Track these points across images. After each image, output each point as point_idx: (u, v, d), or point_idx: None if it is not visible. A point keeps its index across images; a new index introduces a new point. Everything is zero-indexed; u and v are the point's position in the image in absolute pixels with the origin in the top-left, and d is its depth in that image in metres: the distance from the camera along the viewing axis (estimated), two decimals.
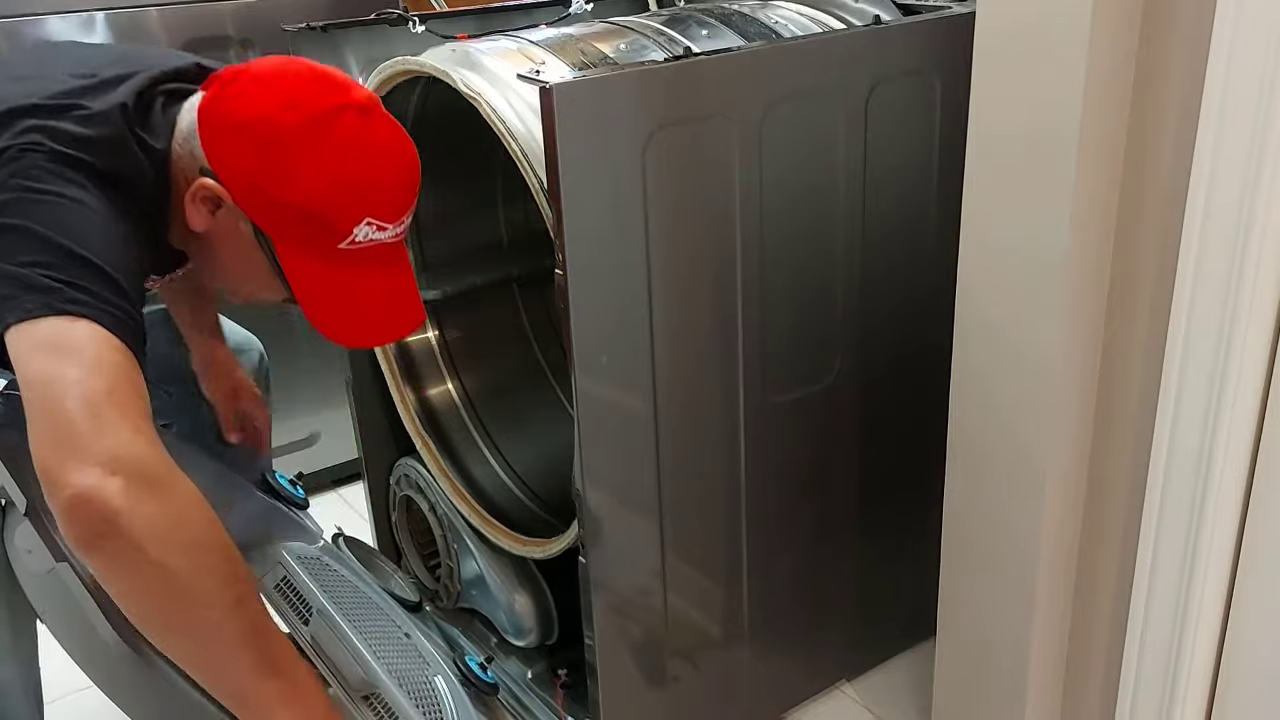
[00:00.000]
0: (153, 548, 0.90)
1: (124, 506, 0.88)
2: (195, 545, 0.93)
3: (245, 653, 0.96)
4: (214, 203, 1.06)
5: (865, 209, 1.42)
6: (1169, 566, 1.14)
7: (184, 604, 0.93)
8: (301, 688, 1.01)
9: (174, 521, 0.91)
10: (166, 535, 0.90)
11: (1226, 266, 1.01)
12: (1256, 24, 0.94)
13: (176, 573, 0.91)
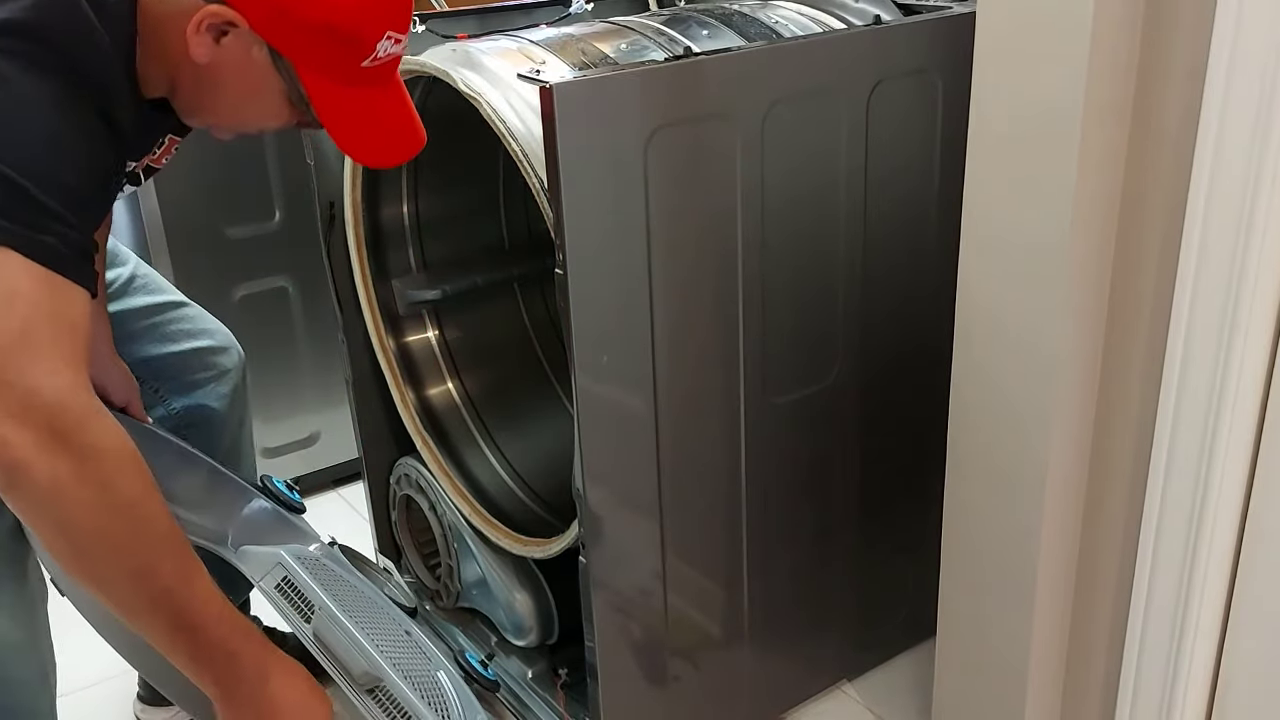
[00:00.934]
0: (56, 505, 0.86)
1: (30, 459, 0.84)
2: (109, 507, 0.88)
3: (159, 615, 0.94)
4: (220, 30, 0.98)
5: (866, 209, 1.42)
6: (1169, 567, 1.14)
7: (88, 561, 0.90)
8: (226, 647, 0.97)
9: (84, 477, 0.86)
10: (74, 492, 0.86)
11: (1227, 267, 1.01)
12: (1257, 23, 0.94)
13: (79, 532, 0.88)
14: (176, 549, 0.94)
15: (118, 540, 0.90)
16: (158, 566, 0.92)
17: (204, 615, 0.96)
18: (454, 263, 1.77)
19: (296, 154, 1.65)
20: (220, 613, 0.97)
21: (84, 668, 1.84)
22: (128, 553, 0.91)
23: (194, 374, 1.52)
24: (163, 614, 0.93)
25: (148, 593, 0.92)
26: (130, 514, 0.90)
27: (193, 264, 2.04)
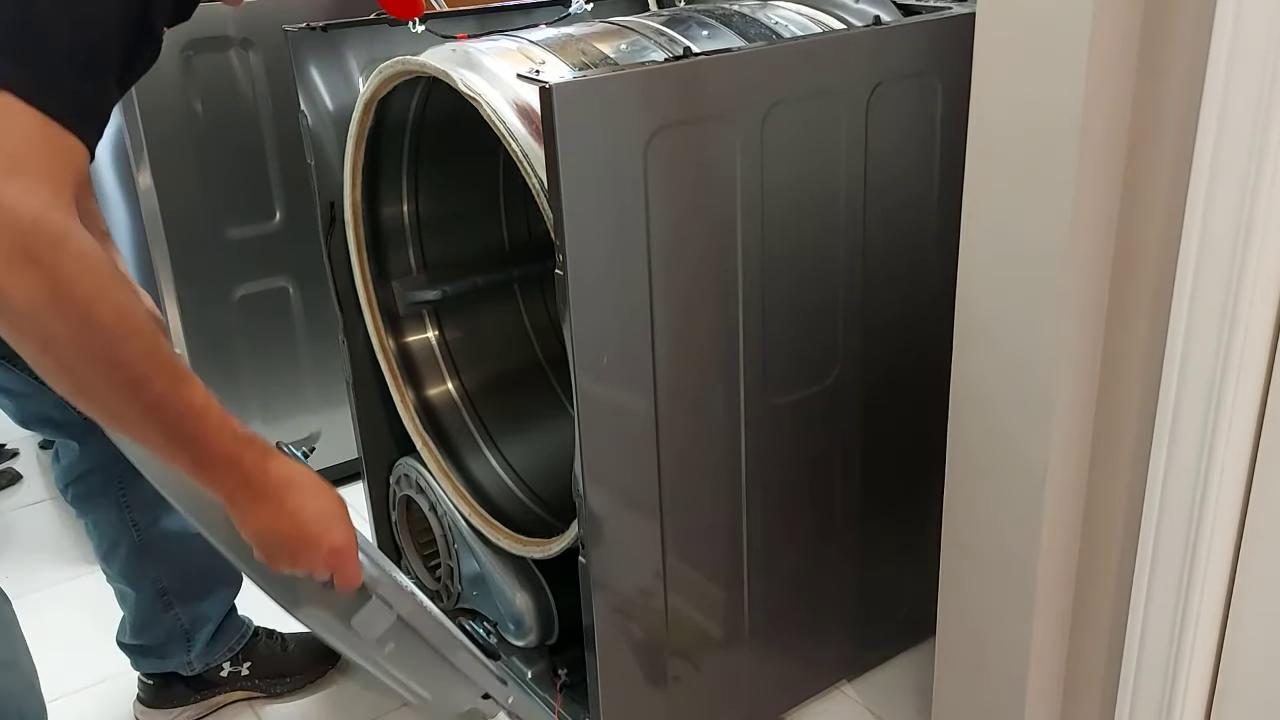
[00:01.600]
0: (35, 325, 0.85)
1: (3, 281, 0.82)
2: (86, 324, 0.86)
3: (153, 423, 0.92)
4: None
5: (866, 210, 1.42)
6: (1168, 567, 1.14)
7: (75, 377, 0.89)
8: (227, 454, 0.96)
9: (55, 297, 0.84)
10: (50, 311, 0.84)
11: (1227, 266, 1.01)
12: (1256, 24, 0.94)
13: (61, 350, 0.87)
14: (165, 361, 0.92)
15: (103, 356, 0.88)
16: (148, 380, 0.90)
17: (202, 425, 0.94)
18: (454, 263, 1.78)
19: (296, 154, 1.66)
20: (219, 422, 0.95)
21: (84, 669, 1.85)
22: (114, 367, 0.89)
23: None
24: (157, 425, 0.92)
25: (139, 406, 0.91)
26: (113, 331, 0.88)
27: (193, 264, 2.05)
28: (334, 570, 1.03)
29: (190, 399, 0.94)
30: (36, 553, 2.20)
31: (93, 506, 1.57)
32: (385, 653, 1.12)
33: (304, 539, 1.00)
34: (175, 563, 1.62)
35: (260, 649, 1.76)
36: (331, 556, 1.02)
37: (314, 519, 1.00)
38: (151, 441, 0.94)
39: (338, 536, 1.02)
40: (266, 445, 1.00)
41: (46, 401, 1.46)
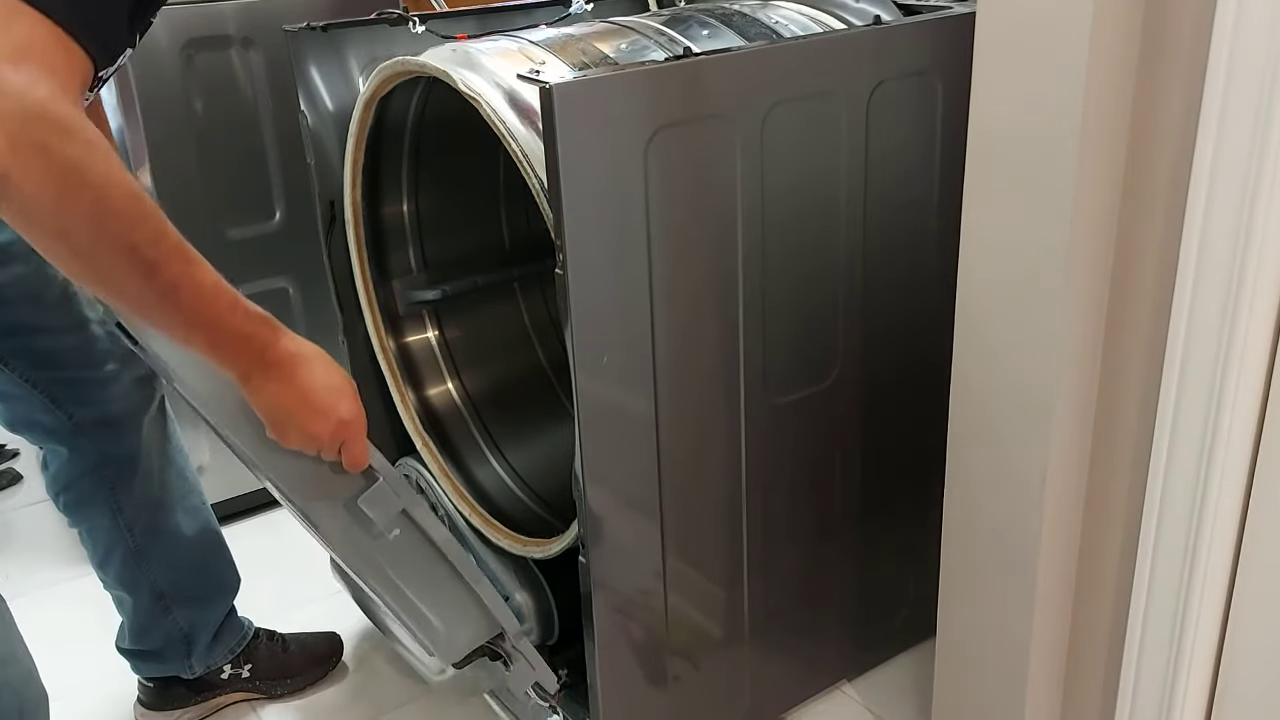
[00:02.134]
0: (47, 214, 0.86)
1: (10, 170, 0.83)
2: (100, 210, 0.87)
3: (170, 306, 0.94)
4: None
5: (866, 209, 1.42)
6: (1169, 567, 1.14)
7: (92, 264, 0.90)
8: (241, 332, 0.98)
9: (66, 186, 0.85)
10: (62, 201, 0.85)
11: (1227, 267, 1.01)
12: (1257, 24, 0.94)
13: (77, 238, 0.88)
14: (176, 244, 0.93)
15: (118, 242, 0.89)
16: (163, 264, 0.92)
17: (215, 306, 0.96)
18: (454, 263, 1.77)
19: (296, 154, 1.65)
20: (231, 302, 0.97)
21: (84, 669, 1.85)
22: (129, 252, 0.90)
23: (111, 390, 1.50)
24: (173, 308, 0.94)
25: (156, 290, 0.92)
26: (126, 216, 0.89)
27: None
28: (343, 443, 1.05)
29: (203, 280, 0.95)
30: (37, 553, 2.20)
31: (85, 514, 1.57)
32: (393, 548, 1.12)
33: (314, 411, 1.02)
34: (172, 567, 1.62)
35: (260, 651, 1.76)
36: (340, 429, 1.04)
37: (324, 392, 1.02)
38: (169, 325, 0.96)
39: (346, 410, 1.04)
40: (276, 323, 1.02)
41: (35, 405, 1.46)
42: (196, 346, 0.98)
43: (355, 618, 1.95)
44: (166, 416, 1.60)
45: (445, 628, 1.23)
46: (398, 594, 1.18)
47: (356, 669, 1.85)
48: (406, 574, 1.17)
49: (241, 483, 2.22)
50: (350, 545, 1.13)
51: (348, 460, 1.07)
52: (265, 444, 1.05)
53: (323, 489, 1.08)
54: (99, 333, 1.48)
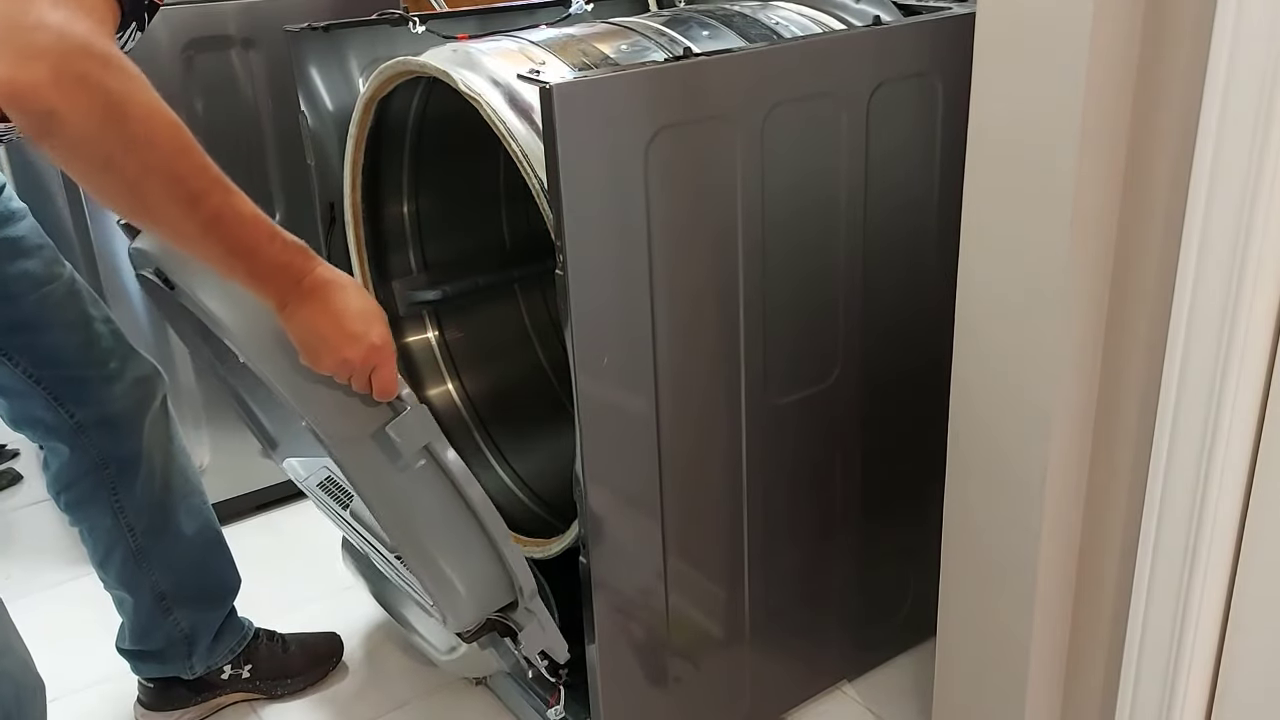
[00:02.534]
0: (94, 146, 0.88)
1: (57, 105, 0.85)
2: (143, 141, 0.90)
3: (213, 236, 0.97)
4: None
5: (867, 210, 1.42)
6: (1169, 568, 1.14)
7: (138, 194, 0.92)
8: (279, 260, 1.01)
9: (110, 118, 0.87)
10: (106, 133, 0.87)
11: (1227, 268, 1.01)
12: (1257, 24, 0.94)
13: (126, 169, 0.90)
14: (216, 174, 0.96)
15: (162, 171, 0.92)
16: (206, 193, 0.95)
17: (255, 235, 0.99)
18: (454, 263, 1.78)
19: (296, 155, 1.66)
20: (270, 231, 1.00)
21: (85, 669, 1.85)
22: (174, 181, 0.92)
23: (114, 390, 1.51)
24: (216, 236, 0.97)
25: (199, 220, 0.95)
26: (170, 146, 0.92)
27: None
28: (373, 368, 1.08)
29: (243, 210, 0.98)
30: (37, 553, 2.20)
31: (86, 513, 1.57)
32: (416, 485, 1.15)
33: (347, 336, 1.05)
34: (173, 567, 1.62)
35: (261, 651, 1.76)
36: (372, 354, 1.07)
37: (356, 318, 1.06)
38: (211, 253, 0.98)
39: (377, 335, 1.08)
40: (311, 251, 1.05)
41: (37, 403, 1.46)
42: (237, 276, 1.01)
43: (355, 618, 1.95)
44: (169, 416, 1.60)
45: (461, 583, 1.24)
46: (415, 544, 1.20)
47: (357, 669, 1.85)
48: (426, 518, 1.18)
49: (242, 483, 2.22)
50: (374, 482, 1.15)
51: (378, 387, 1.09)
52: (298, 374, 1.09)
53: (352, 420, 1.11)
54: (102, 331, 1.48)
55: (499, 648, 1.39)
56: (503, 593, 1.28)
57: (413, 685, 1.80)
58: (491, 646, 1.39)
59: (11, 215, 1.42)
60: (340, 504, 1.48)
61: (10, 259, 1.39)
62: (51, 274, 1.44)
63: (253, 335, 1.10)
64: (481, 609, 1.29)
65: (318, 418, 1.11)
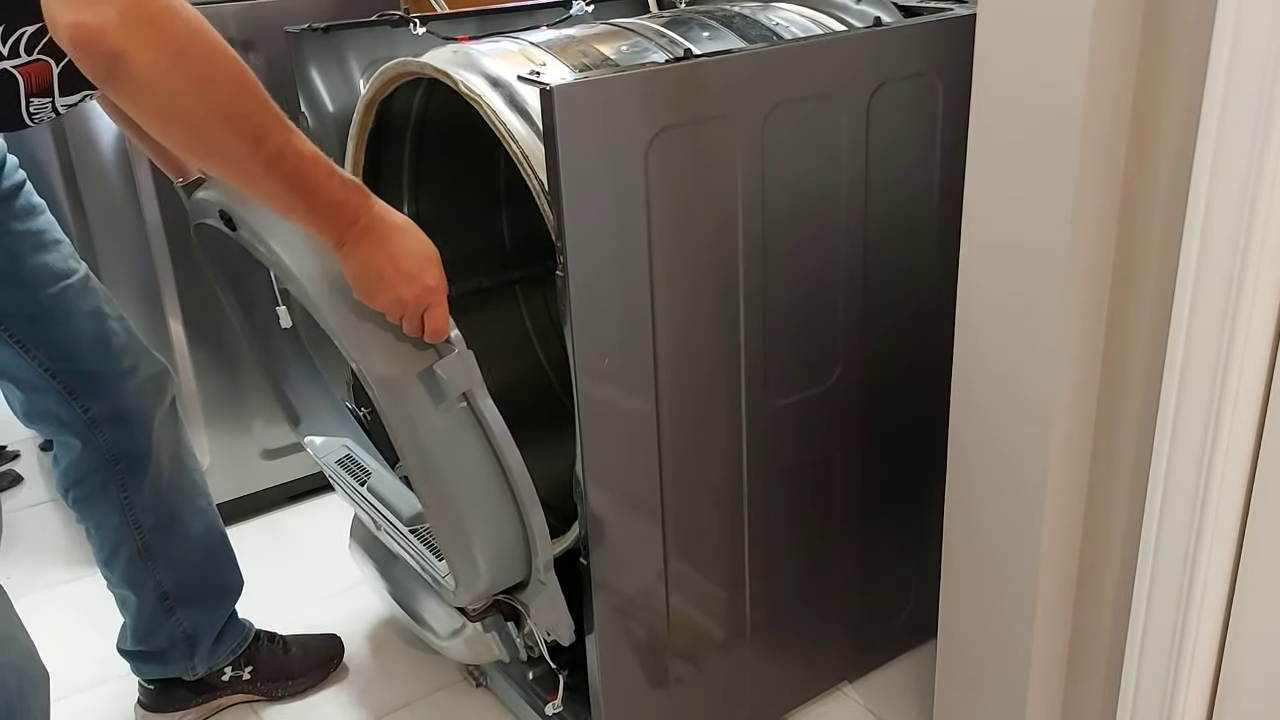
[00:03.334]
0: (162, 85, 0.90)
1: (126, 46, 0.87)
2: (208, 80, 0.93)
3: (275, 175, 0.99)
4: None
5: (867, 211, 1.42)
6: (1170, 570, 1.14)
7: (203, 134, 0.95)
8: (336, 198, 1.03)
9: (179, 57, 0.90)
10: (174, 72, 0.90)
11: (1228, 269, 1.01)
12: (1257, 26, 0.94)
13: (192, 109, 0.93)
14: (278, 113, 0.99)
15: (228, 111, 0.94)
16: (269, 131, 0.97)
17: (314, 173, 1.01)
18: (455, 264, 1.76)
19: None
20: (328, 169, 1.02)
21: (85, 670, 1.85)
22: (239, 120, 0.95)
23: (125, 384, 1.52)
24: (278, 175, 0.99)
25: (262, 157, 0.97)
26: (234, 85, 0.94)
27: (194, 266, 2.04)
28: (426, 308, 1.11)
29: (302, 149, 1.00)
30: (38, 554, 2.20)
31: (94, 510, 1.57)
32: (451, 433, 1.17)
33: (402, 275, 1.08)
34: (177, 567, 1.62)
35: (262, 652, 1.76)
36: (426, 293, 1.10)
37: (412, 258, 1.08)
38: (272, 193, 1.01)
39: (431, 277, 1.11)
40: (368, 190, 1.07)
41: (52, 397, 1.47)
42: (296, 214, 1.03)
43: (356, 619, 1.95)
44: (178, 417, 1.61)
45: (481, 545, 1.25)
46: (442, 498, 1.21)
47: (357, 671, 1.85)
48: (458, 470, 1.20)
49: (244, 484, 2.22)
50: (413, 427, 1.16)
51: (430, 327, 1.11)
52: (350, 311, 1.12)
53: (400, 360, 1.14)
54: (116, 328, 1.50)
55: (501, 633, 1.41)
56: (518, 566, 1.30)
57: (413, 687, 1.80)
58: (495, 631, 1.41)
59: (33, 209, 1.44)
60: (358, 480, 1.53)
61: (32, 252, 1.41)
62: (69, 268, 1.46)
63: (310, 271, 1.13)
64: (496, 577, 1.30)
65: (366, 356, 1.13)
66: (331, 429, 1.65)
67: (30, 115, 1.22)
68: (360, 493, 1.53)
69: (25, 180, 1.44)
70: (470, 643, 1.47)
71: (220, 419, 2.16)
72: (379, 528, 1.53)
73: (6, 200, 1.39)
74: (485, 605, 1.38)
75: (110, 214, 1.97)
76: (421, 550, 1.41)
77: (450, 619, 1.51)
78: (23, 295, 1.41)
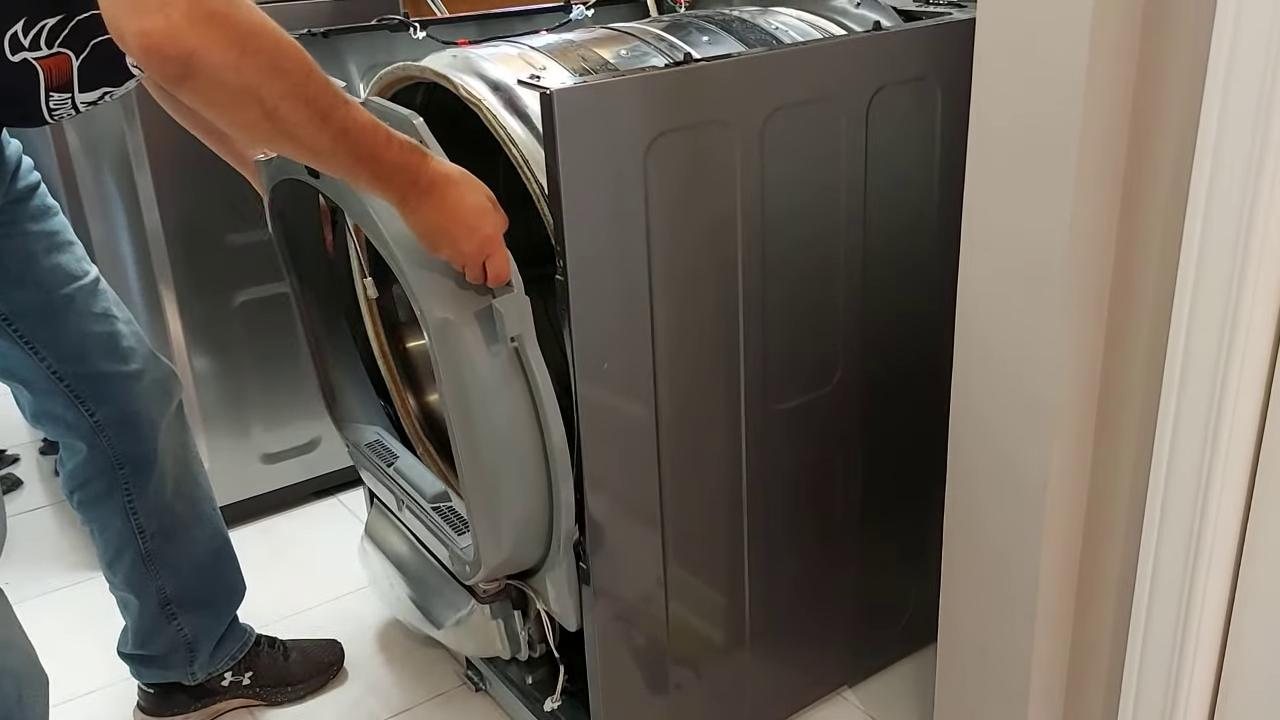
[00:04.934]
0: (234, 79, 0.94)
1: (195, 46, 0.91)
2: (274, 69, 0.96)
3: (342, 148, 1.04)
4: None
5: (866, 215, 1.42)
6: (1170, 574, 1.14)
7: (275, 119, 0.98)
8: (398, 162, 1.08)
9: (246, 50, 0.93)
10: (243, 65, 0.94)
11: (1227, 271, 1.01)
12: (1256, 27, 0.94)
13: (264, 97, 0.96)
14: (337, 91, 1.03)
15: (296, 95, 0.98)
16: (333, 109, 1.02)
17: (375, 141, 1.06)
18: None
19: None
20: (387, 135, 1.07)
21: (84, 675, 1.84)
22: (307, 103, 0.99)
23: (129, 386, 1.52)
24: (345, 148, 1.04)
25: (330, 134, 1.02)
26: (298, 71, 0.98)
27: (194, 270, 2.05)
28: (486, 256, 1.16)
29: (361, 119, 1.05)
30: (37, 558, 2.20)
31: (98, 512, 1.57)
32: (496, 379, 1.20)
33: (461, 227, 1.14)
34: (180, 571, 1.62)
35: (262, 658, 1.76)
36: (484, 243, 1.15)
37: (470, 210, 1.14)
38: (339, 165, 1.06)
39: (490, 226, 1.16)
40: (425, 150, 1.13)
41: (59, 400, 1.47)
42: (361, 181, 1.09)
43: (356, 625, 1.95)
44: (184, 423, 1.61)
45: (509, 507, 1.28)
46: (477, 450, 1.25)
47: (357, 676, 1.84)
48: (497, 420, 1.23)
49: (243, 488, 2.22)
50: (462, 372, 1.20)
51: (492, 273, 1.16)
52: (419, 255, 1.19)
53: (460, 301, 1.19)
54: (125, 331, 1.51)
55: (507, 622, 1.45)
56: (538, 542, 1.32)
57: (413, 692, 1.79)
58: (501, 619, 1.44)
59: (49, 209, 1.45)
60: (385, 462, 1.61)
61: (46, 252, 1.42)
62: (82, 270, 1.47)
63: (383, 211, 1.18)
64: (515, 549, 1.32)
65: (428, 298, 1.19)
66: (365, 417, 1.74)
67: (51, 111, 1.24)
68: (387, 473, 1.60)
69: (40, 182, 1.45)
70: (474, 631, 1.48)
71: (219, 423, 2.16)
72: (402, 506, 1.58)
73: (22, 201, 1.41)
74: (496, 589, 1.42)
75: (110, 218, 1.97)
76: (442, 525, 1.47)
77: (457, 605, 1.52)
78: (35, 295, 1.42)
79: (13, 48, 1.14)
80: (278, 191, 1.50)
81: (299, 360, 2.22)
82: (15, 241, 1.39)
